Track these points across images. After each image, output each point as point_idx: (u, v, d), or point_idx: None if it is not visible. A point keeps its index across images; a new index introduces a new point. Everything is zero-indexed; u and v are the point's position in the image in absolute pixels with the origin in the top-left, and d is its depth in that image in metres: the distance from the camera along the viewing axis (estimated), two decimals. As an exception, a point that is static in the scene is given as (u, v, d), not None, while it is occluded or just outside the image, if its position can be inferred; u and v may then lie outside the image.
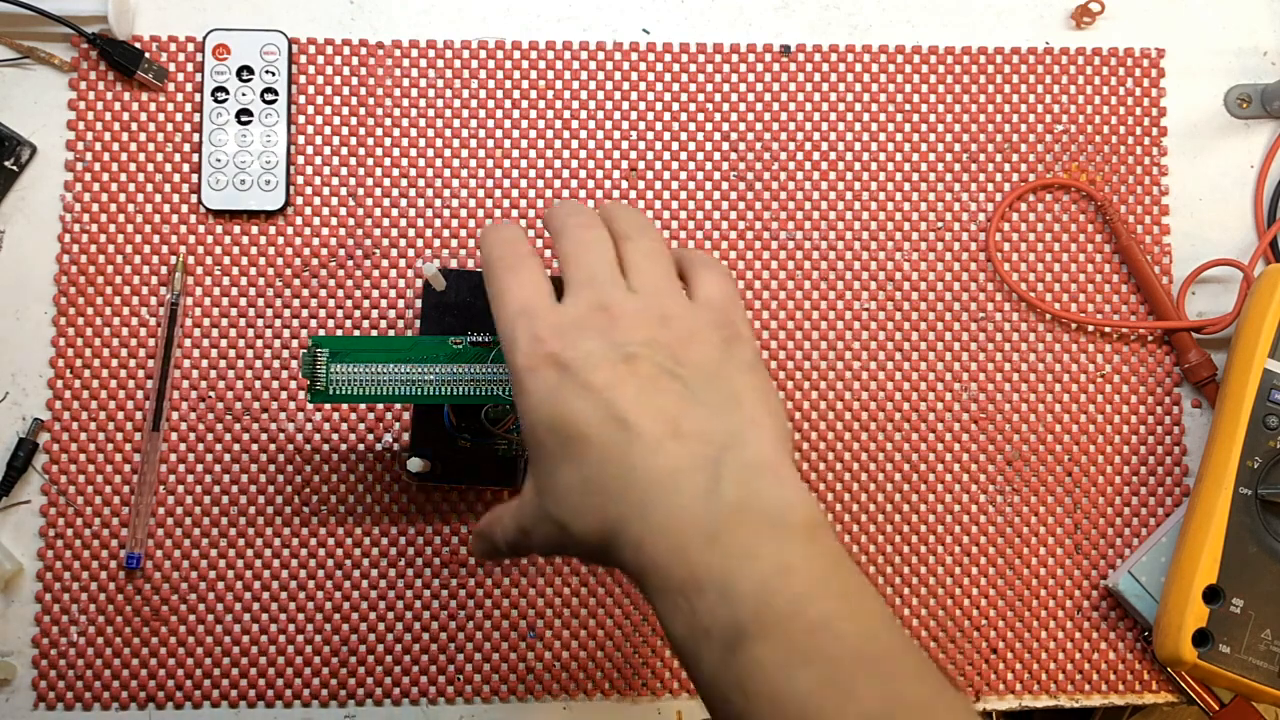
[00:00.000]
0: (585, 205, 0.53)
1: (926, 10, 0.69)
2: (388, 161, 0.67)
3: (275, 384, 0.65)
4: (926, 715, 0.40)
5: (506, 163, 0.67)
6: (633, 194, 0.67)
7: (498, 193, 0.67)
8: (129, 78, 0.66)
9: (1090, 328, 0.67)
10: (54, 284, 0.65)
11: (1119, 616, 0.65)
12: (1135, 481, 0.66)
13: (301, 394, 0.65)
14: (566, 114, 0.68)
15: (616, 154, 0.67)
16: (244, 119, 0.66)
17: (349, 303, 0.66)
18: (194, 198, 0.66)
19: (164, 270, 0.65)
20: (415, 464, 0.58)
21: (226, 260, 0.66)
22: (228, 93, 0.66)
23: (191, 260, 0.66)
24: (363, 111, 0.67)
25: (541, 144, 0.67)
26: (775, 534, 0.42)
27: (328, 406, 0.65)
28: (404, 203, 0.67)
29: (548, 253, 0.67)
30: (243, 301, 0.66)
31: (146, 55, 0.66)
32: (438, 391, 0.54)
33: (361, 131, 0.67)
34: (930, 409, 0.66)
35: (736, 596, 0.41)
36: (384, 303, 0.66)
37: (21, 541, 0.64)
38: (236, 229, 0.66)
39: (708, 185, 0.67)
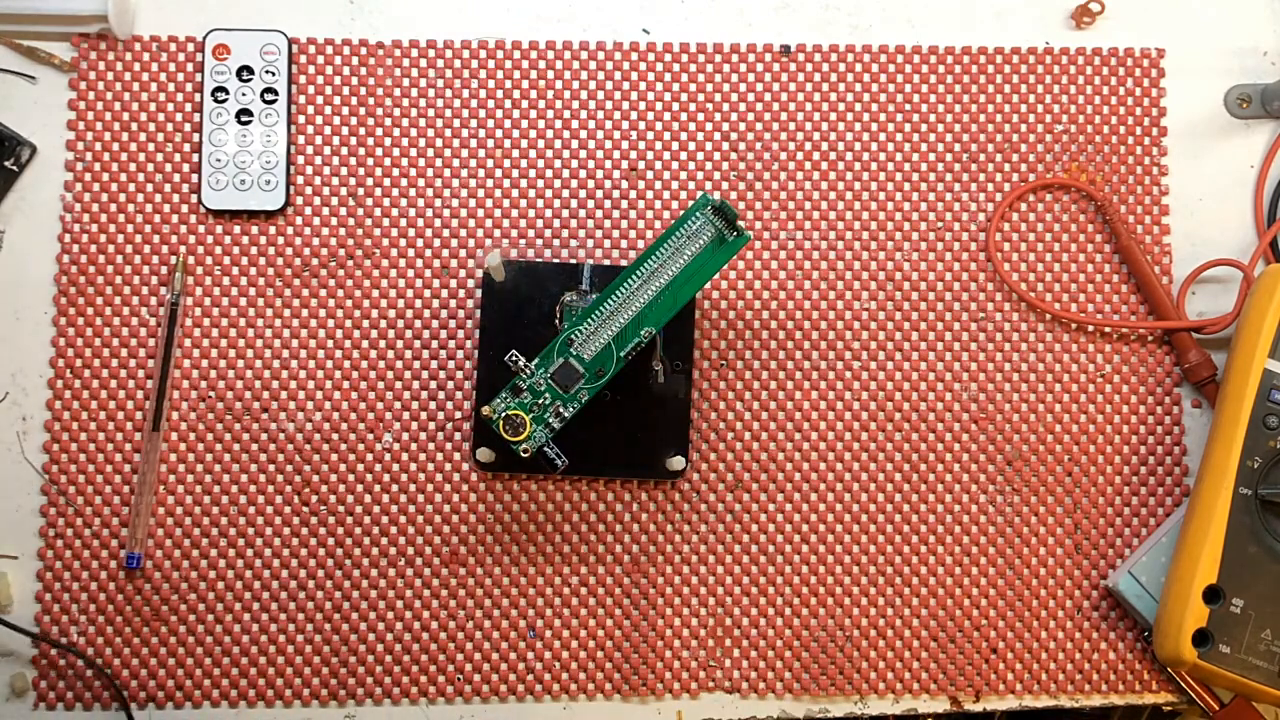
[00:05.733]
0: None
1: (926, 10, 0.69)
2: (388, 161, 0.67)
3: (275, 384, 0.65)
4: None
5: (506, 163, 0.67)
6: (633, 194, 0.67)
7: (498, 193, 0.67)
8: None
9: (1090, 328, 0.67)
10: (54, 284, 0.65)
11: (1119, 616, 0.65)
12: (1135, 481, 0.66)
13: (301, 394, 0.65)
14: (566, 114, 0.68)
15: (616, 154, 0.67)
16: (244, 119, 0.66)
17: (349, 303, 0.66)
18: (194, 198, 0.66)
19: (164, 270, 0.65)
20: (484, 454, 0.63)
21: (226, 260, 0.66)
22: (228, 93, 0.66)
23: (191, 260, 0.66)
24: (363, 111, 0.67)
25: (541, 144, 0.67)
26: None
27: (328, 405, 0.65)
28: (404, 203, 0.67)
29: (537, 241, 0.67)
30: (243, 301, 0.66)
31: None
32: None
33: (361, 131, 0.67)
34: (930, 409, 0.66)
35: None
36: (384, 302, 0.66)
37: (22, 541, 0.64)
38: (236, 229, 0.66)
39: (708, 185, 0.67)
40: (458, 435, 0.65)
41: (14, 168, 0.65)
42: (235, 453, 0.65)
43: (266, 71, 0.66)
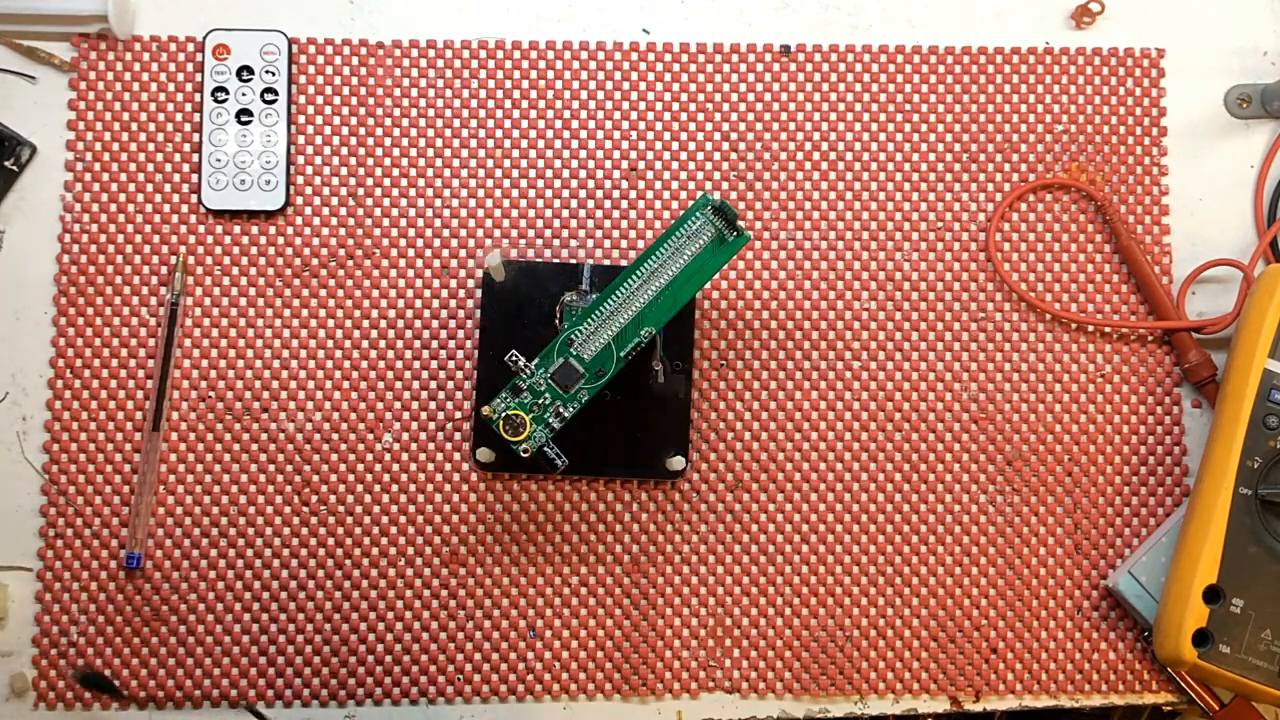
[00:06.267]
0: None
1: (926, 10, 0.69)
2: (388, 161, 0.67)
3: (275, 384, 0.65)
4: None
5: (506, 163, 0.67)
6: (633, 194, 0.67)
7: (498, 193, 0.67)
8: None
9: (1090, 328, 0.67)
10: (54, 284, 0.65)
11: (1119, 616, 0.65)
12: (1135, 481, 0.66)
13: (301, 394, 0.65)
14: (566, 114, 0.68)
15: (616, 154, 0.67)
16: (244, 119, 0.66)
17: (349, 303, 0.66)
18: (194, 198, 0.66)
19: (164, 270, 0.65)
20: (484, 454, 0.63)
21: (226, 260, 0.66)
22: (228, 93, 0.66)
23: (191, 260, 0.66)
24: (363, 111, 0.67)
25: (541, 144, 0.67)
26: None
27: (328, 405, 0.65)
28: (404, 203, 0.67)
29: (548, 242, 0.67)
30: (243, 301, 0.66)
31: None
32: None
33: (361, 131, 0.67)
34: (930, 409, 0.66)
35: None
36: (384, 302, 0.66)
37: (22, 541, 0.64)
38: (236, 229, 0.66)
39: (708, 185, 0.67)
40: (458, 435, 0.65)
41: (14, 168, 0.65)
42: (235, 453, 0.65)
43: (266, 71, 0.66)
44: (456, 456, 0.65)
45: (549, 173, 0.67)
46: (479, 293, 0.66)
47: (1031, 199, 0.68)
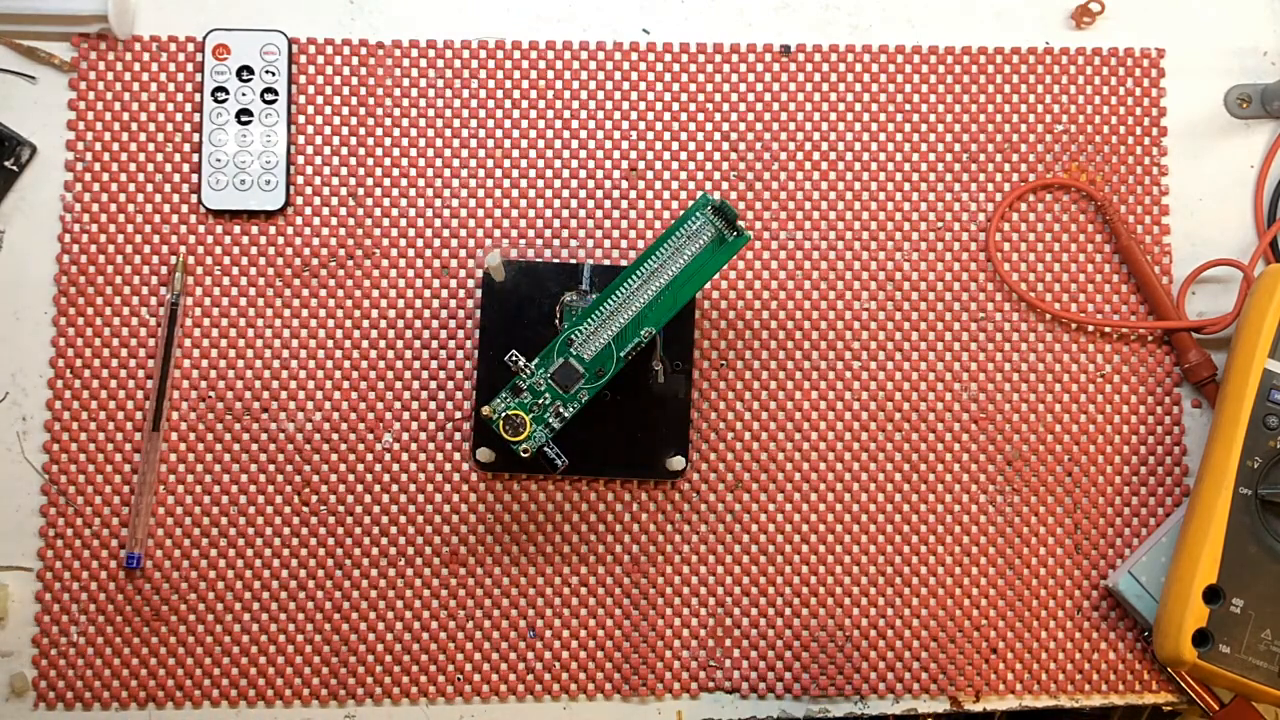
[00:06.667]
0: None
1: (926, 10, 0.69)
2: (388, 161, 0.67)
3: (275, 384, 0.65)
4: None
5: (506, 163, 0.67)
6: (633, 194, 0.67)
7: (498, 193, 0.67)
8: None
9: (1090, 328, 0.67)
10: (54, 284, 0.65)
11: (1119, 616, 0.65)
12: (1135, 481, 0.66)
13: (301, 394, 0.65)
14: (566, 114, 0.68)
15: (616, 154, 0.67)
16: (244, 119, 0.66)
17: (349, 303, 0.66)
18: (194, 198, 0.66)
19: (164, 270, 0.65)
20: (484, 454, 0.63)
21: (226, 260, 0.66)
22: (228, 93, 0.66)
23: (191, 260, 0.66)
24: (363, 111, 0.67)
25: (541, 144, 0.67)
26: None
27: (328, 405, 0.65)
28: (404, 203, 0.67)
29: (545, 240, 0.67)
30: (243, 301, 0.66)
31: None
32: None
33: (361, 131, 0.67)
34: (930, 409, 0.66)
35: None
36: (384, 302, 0.66)
37: (22, 541, 0.64)
38: (236, 229, 0.66)
39: (708, 185, 0.67)
40: (458, 435, 0.65)
41: (14, 168, 0.65)
42: (235, 453, 0.65)
43: (266, 71, 0.66)
44: (456, 456, 0.65)
45: (549, 173, 0.67)
46: (479, 293, 0.66)
47: (1031, 199, 0.68)
